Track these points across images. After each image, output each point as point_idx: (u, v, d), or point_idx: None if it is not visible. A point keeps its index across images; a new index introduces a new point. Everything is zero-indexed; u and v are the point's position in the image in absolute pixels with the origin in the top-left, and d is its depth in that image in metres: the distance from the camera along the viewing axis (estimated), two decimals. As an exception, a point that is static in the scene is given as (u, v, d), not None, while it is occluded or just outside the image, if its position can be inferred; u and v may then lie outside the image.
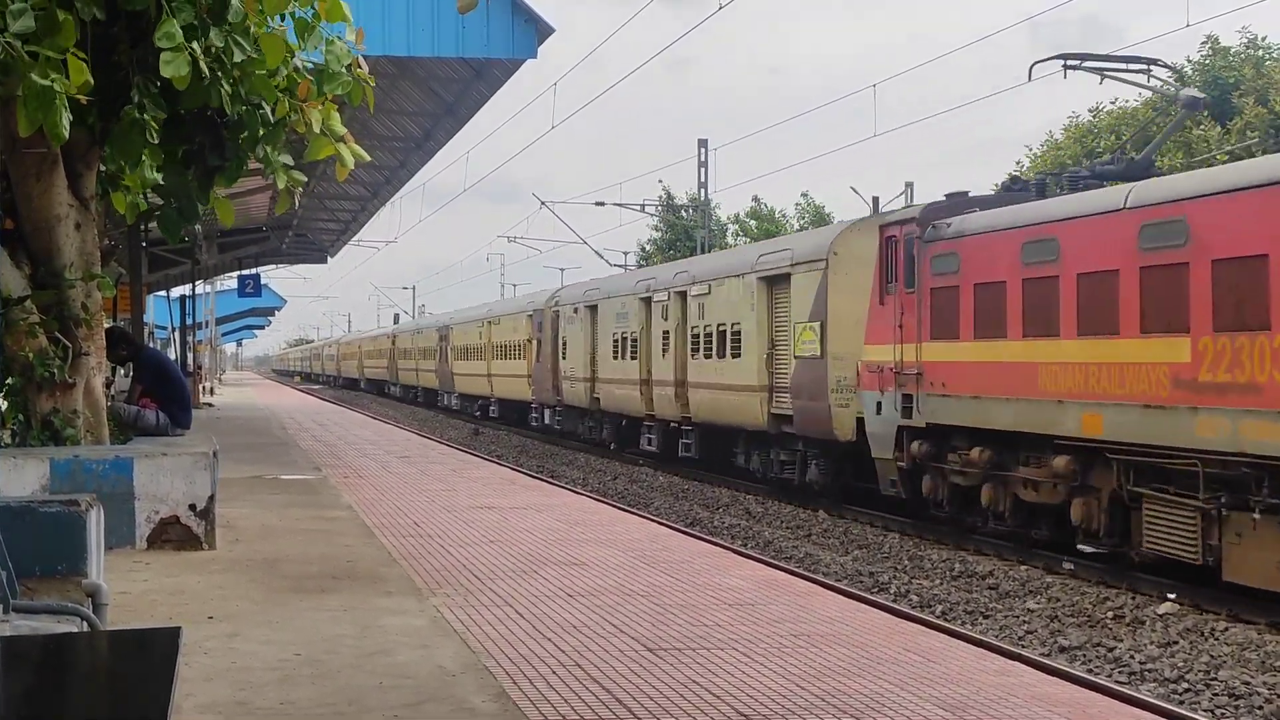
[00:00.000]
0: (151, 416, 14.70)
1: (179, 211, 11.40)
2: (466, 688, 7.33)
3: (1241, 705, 11.10)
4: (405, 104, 27.94)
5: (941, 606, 15.20)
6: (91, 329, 11.90)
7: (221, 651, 7.99)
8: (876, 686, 7.62)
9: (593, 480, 29.20)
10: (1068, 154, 50.73)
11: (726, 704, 7.16)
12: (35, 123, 7.43)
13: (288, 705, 6.88)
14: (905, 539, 19.88)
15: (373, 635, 8.56)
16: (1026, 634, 13.78)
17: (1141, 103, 50.86)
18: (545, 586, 10.58)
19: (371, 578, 10.78)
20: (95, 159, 11.66)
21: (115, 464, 11.47)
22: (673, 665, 8.02)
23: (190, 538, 11.75)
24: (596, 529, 14.39)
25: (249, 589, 10.13)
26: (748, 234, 69.73)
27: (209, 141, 10.66)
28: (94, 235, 11.98)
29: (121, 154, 10.18)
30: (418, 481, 19.48)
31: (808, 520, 22.11)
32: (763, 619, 9.52)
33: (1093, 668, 12.28)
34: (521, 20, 21.05)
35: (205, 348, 71.99)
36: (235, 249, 47.26)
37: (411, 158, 33.70)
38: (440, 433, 43.30)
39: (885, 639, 9.02)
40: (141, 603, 9.36)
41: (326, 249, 57.40)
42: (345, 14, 10.21)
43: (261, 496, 16.61)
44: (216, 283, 68.46)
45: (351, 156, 10.42)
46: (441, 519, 14.81)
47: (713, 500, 25.36)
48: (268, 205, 38.37)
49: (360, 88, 10.42)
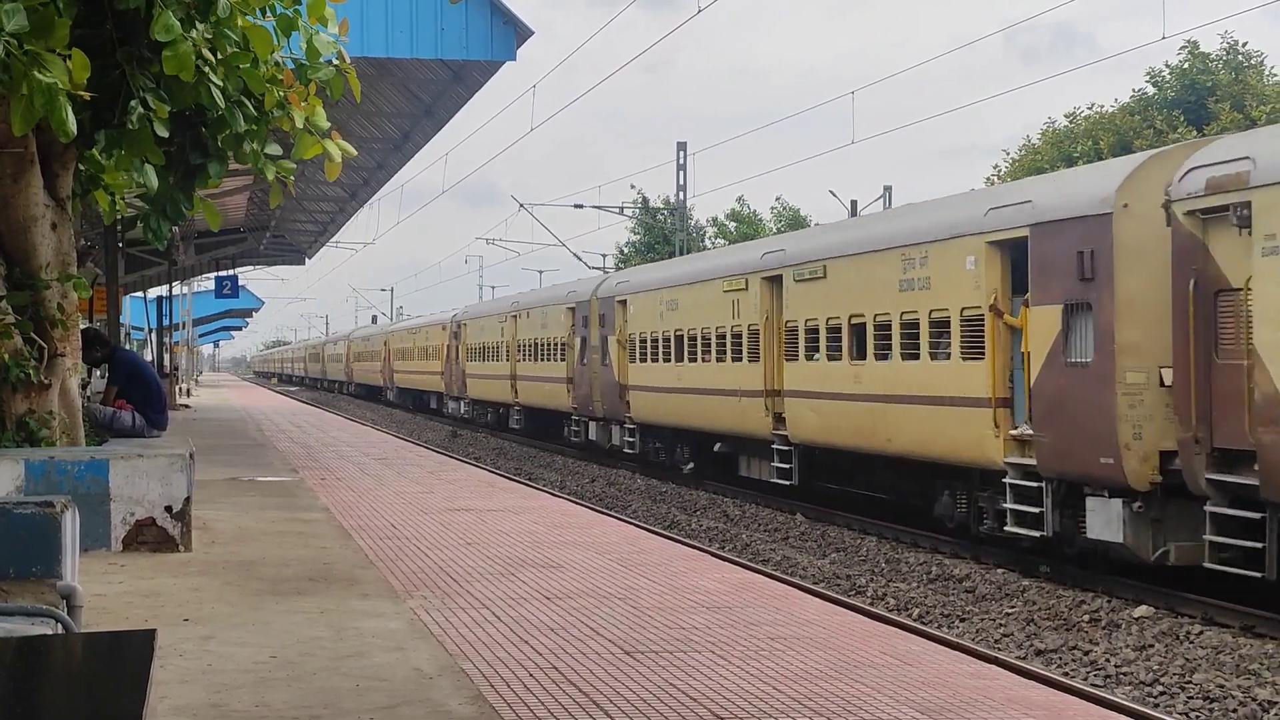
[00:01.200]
0: (127, 418, 14.66)
1: (163, 214, 11.36)
2: (443, 690, 7.32)
3: (1216, 708, 11.15)
4: (384, 105, 27.90)
5: (918, 609, 15.24)
6: (67, 330, 11.85)
7: (197, 654, 7.96)
8: (853, 689, 7.63)
9: (571, 483, 29.19)
10: (1045, 159, 50.94)
11: (703, 706, 7.16)
12: (32, 121, 7.40)
13: (263, 708, 6.85)
14: (883, 542, 19.91)
15: (349, 638, 8.54)
16: (1003, 637, 13.82)
17: (1118, 108, 51.13)
18: (522, 589, 10.57)
19: (348, 580, 10.75)
20: (72, 159, 11.61)
21: (90, 466, 11.41)
22: (650, 668, 8.01)
23: (166, 540, 11.71)
24: (574, 531, 14.38)
25: (225, 591, 10.09)
26: (726, 236, 69.82)
27: (189, 140, 10.62)
28: (70, 236, 11.93)
29: (129, 153, 10.10)
30: (395, 484, 19.44)
31: (785, 523, 22.13)
32: (740, 622, 9.53)
33: (1068, 671, 12.33)
34: (500, 22, 21.06)
35: (182, 349, 71.79)
36: (213, 250, 47.16)
37: (390, 159, 33.67)
38: (418, 435, 43.25)
39: (862, 642, 9.03)
40: (117, 605, 9.32)
41: (304, 250, 57.31)
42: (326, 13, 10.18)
43: (238, 498, 16.56)
44: (193, 284, 68.34)
45: (339, 152, 10.38)
46: (419, 521, 14.79)
47: (690, 503, 25.37)
48: (245, 206, 38.32)
49: (341, 79, 10.38)
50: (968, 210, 18.25)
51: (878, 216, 23.73)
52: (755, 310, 24.52)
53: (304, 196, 39.26)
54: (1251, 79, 48.30)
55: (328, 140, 10.35)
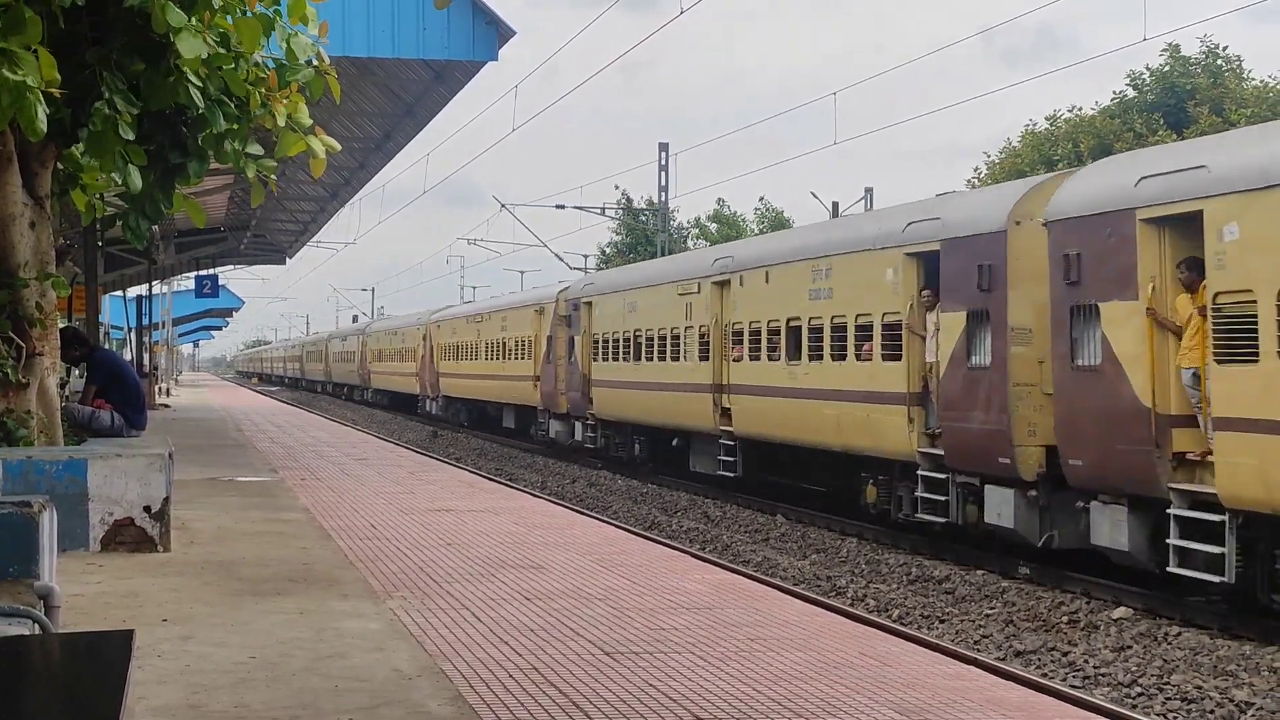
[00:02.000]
0: (106, 418, 14.60)
1: (143, 213, 11.33)
2: (422, 691, 7.31)
3: (1194, 709, 11.19)
4: (365, 105, 27.86)
5: (898, 610, 15.27)
6: (46, 329, 11.81)
7: (175, 654, 7.94)
8: (833, 690, 7.64)
9: (551, 483, 29.17)
10: (1025, 161, 51.07)
11: (683, 707, 7.17)
12: (4, 119, 7.38)
13: (242, 709, 6.84)
14: (863, 543, 19.95)
15: (328, 638, 8.52)
16: (982, 638, 13.85)
17: (1099, 111, 51.27)
18: (502, 589, 10.56)
19: (328, 581, 10.73)
20: (51, 157, 11.57)
21: (69, 465, 11.37)
22: (629, 669, 8.01)
23: (145, 540, 11.67)
24: (554, 532, 14.38)
25: (204, 592, 10.07)
26: (708, 238, 69.89)
27: (169, 140, 10.60)
28: (49, 234, 11.88)
29: (95, 153, 10.09)
30: (375, 484, 19.41)
31: (766, 524, 22.15)
32: (720, 623, 9.53)
33: (1047, 672, 12.36)
34: (482, 22, 21.04)
35: (161, 349, 71.59)
36: (193, 249, 47.04)
37: (371, 159, 33.62)
38: (399, 435, 43.19)
39: (842, 643, 9.05)
40: (95, 605, 9.29)
41: (285, 250, 57.16)
42: (307, 12, 10.16)
43: (217, 499, 16.51)
44: (173, 283, 68.10)
45: (323, 148, 10.36)
46: (399, 521, 14.76)
47: (671, 504, 25.37)
48: (226, 205, 38.23)
49: (321, 80, 10.36)
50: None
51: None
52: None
53: (285, 196, 39.18)
54: (1230, 83, 48.49)
55: (311, 137, 10.33)
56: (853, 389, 20.13)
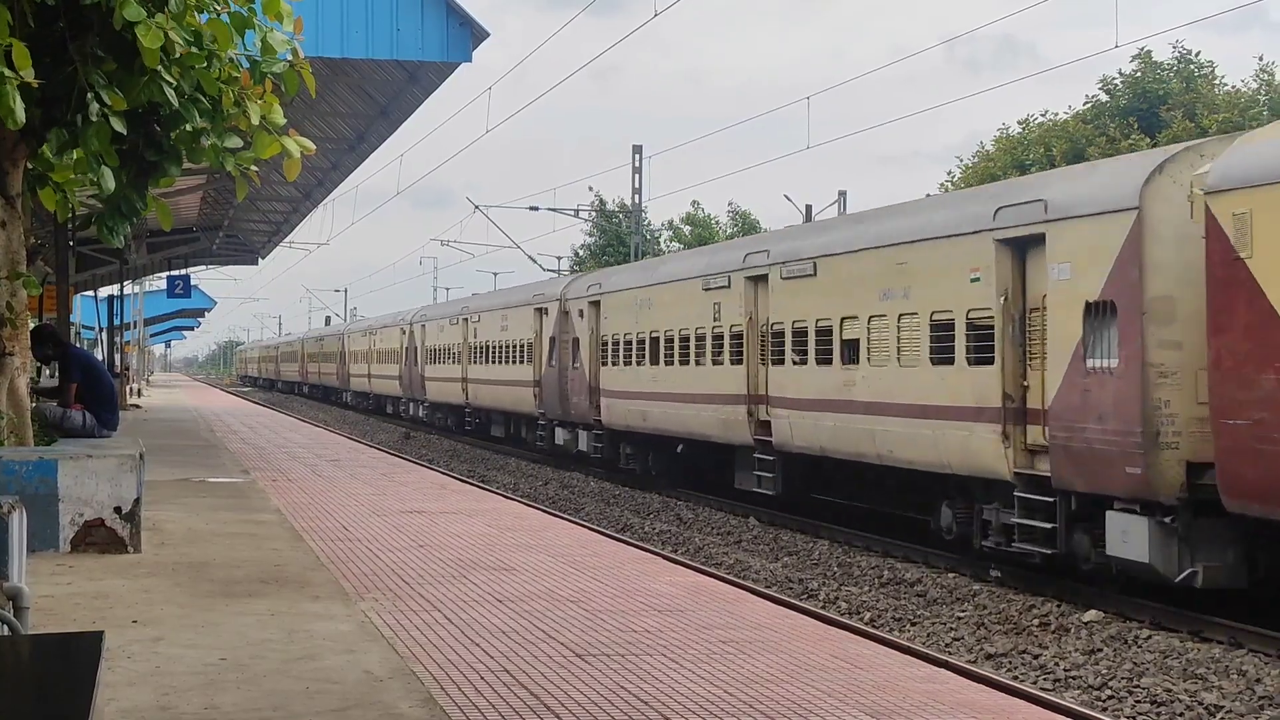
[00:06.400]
0: (77, 417, 14.53)
1: (119, 212, 11.26)
2: (394, 693, 7.30)
3: (1163, 712, 11.24)
4: (338, 105, 27.77)
5: (870, 613, 15.30)
6: (16, 329, 11.73)
7: (145, 656, 7.91)
8: (804, 693, 7.66)
9: (524, 485, 29.14)
10: (998, 165, 51.26)
11: (654, 710, 7.18)
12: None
13: (212, 710, 6.82)
14: (835, 546, 19.97)
15: (300, 640, 8.50)
16: (953, 641, 13.89)
17: (1071, 115, 51.51)
18: (474, 591, 10.56)
19: (299, 582, 10.70)
20: (23, 156, 11.50)
21: (39, 465, 11.32)
22: (601, 671, 8.02)
23: (115, 541, 11.62)
24: (527, 534, 14.37)
25: (174, 593, 10.03)
26: (681, 240, 69.92)
27: (143, 138, 10.54)
28: (20, 233, 11.80)
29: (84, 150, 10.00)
30: (347, 485, 19.37)
31: (738, 527, 22.17)
32: (691, 625, 9.55)
33: (1018, 674, 12.40)
34: (456, 23, 20.99)
35: (133, 349, 71.27)
36: (165, 249, 46.82)
37: (344, 160, 33.50)
38: (370, 436, 43.08)
39: (813, 645, 9.07)
40: (64, 606, 9.25)
41: (257, 250, 56.94)
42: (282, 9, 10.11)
43: (189, 500, 16.46)
44: (145, 283, 67.81)
45: (298, 148, 10.31)
46: (371, 523, 14.74)
47: (644, 506, 25.37)
48: (198, 205, 38.07)
49: (296, 75, 10.31)
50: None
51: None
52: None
53: (258, 196, 39.03)
54: (1203, 88, 48.76)
55: (286, 137, 10.28)
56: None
